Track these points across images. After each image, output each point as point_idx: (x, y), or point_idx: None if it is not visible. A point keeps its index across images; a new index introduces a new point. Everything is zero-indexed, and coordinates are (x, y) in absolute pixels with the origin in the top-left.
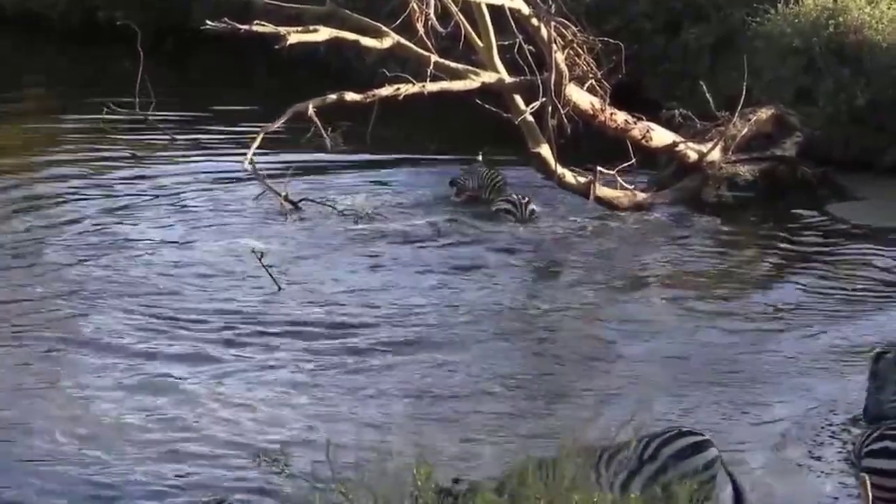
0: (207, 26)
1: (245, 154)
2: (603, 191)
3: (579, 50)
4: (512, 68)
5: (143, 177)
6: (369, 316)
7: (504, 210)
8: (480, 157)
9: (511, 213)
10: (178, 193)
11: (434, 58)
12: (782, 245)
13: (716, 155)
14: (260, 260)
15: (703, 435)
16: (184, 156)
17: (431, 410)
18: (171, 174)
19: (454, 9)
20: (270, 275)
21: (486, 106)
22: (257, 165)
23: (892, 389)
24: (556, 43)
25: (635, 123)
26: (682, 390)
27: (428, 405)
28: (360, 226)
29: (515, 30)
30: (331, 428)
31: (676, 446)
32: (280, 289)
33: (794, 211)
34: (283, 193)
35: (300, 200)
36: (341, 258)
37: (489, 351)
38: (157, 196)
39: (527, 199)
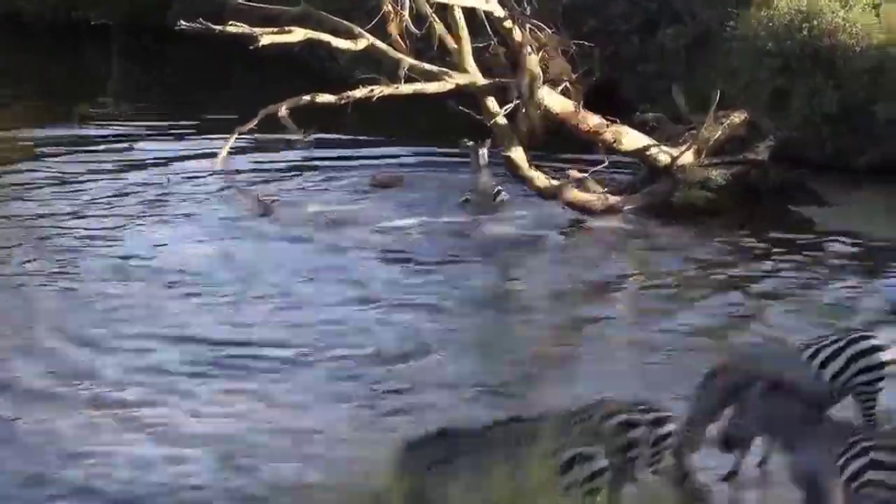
0: (181, 26)
1: (217, 154)
2: (575, 194)
3: (553, 52)
4: (486, 70)
5: (111, 176)
6: (335, 325)
7: (469, 201)
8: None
9: (476, 204)
10: (147, 193)
11: (408, 59)
12: (753, 248)
13: (688, 158)
14: (231, 262)
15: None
16: (155, 157)
17: (397, 418)
18: (141, 174)
19: (428, 10)
20: (242, 277)
21: (460, 108)
22: (229, 166)
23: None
24: (529, 45)
25: (608, 126)
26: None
27: (393, 412)
28: (329, 230)
29: (490, 32)
30: (299, 438)
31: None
32: (250, 288)
33: (766, 215)
34: (255, 194)
35: (272, 202)
36: (310, 262)
37: (455, 360)
38: (124, 196)
39: (497, 190)
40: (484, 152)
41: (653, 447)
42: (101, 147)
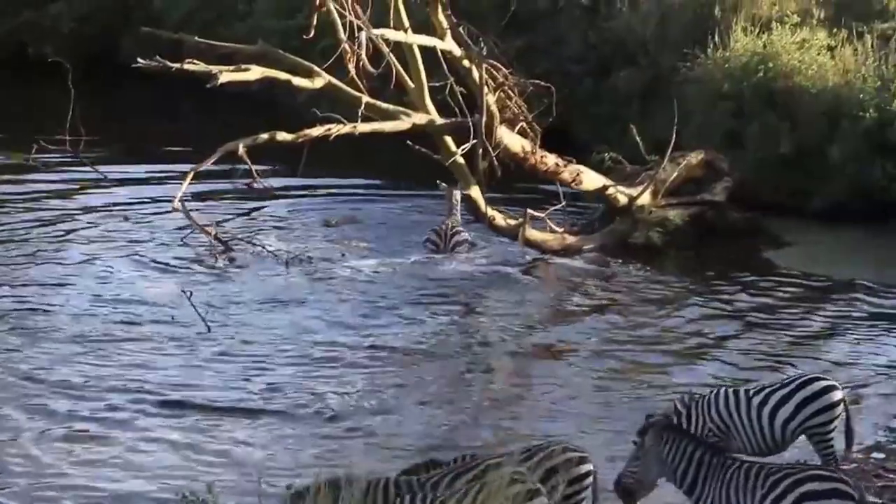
0: (138, 64)
1: (174, 193)
2: (532, 233)
3: (510, 92)
4: (443, 110)
5: (65, 215)
6: (292, 364)
7: (429, 241)
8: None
9: (434, 244)
10: (104, 233)
11: (365, 98)
12: (711, 288)
13: (645, 199)
14: (189, 301)
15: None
16: (111, 193)
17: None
18: (98, 213)
19: (386, 50)
20: (201, 316)
21: (417, 147)
22: (187, 205)
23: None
24: (487, 85)
25: (565, 166)
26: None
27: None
28: (290, 268)
29: (447, 71)
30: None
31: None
32: (209, 330)
33: (724, 255)
34: (213, 233)
35: (230, 241)
36: (268, 302)
37: (408, 406)
38: (78, 234)
39: (456, 230)
40: (457, 194)
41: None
42: (56, 186)
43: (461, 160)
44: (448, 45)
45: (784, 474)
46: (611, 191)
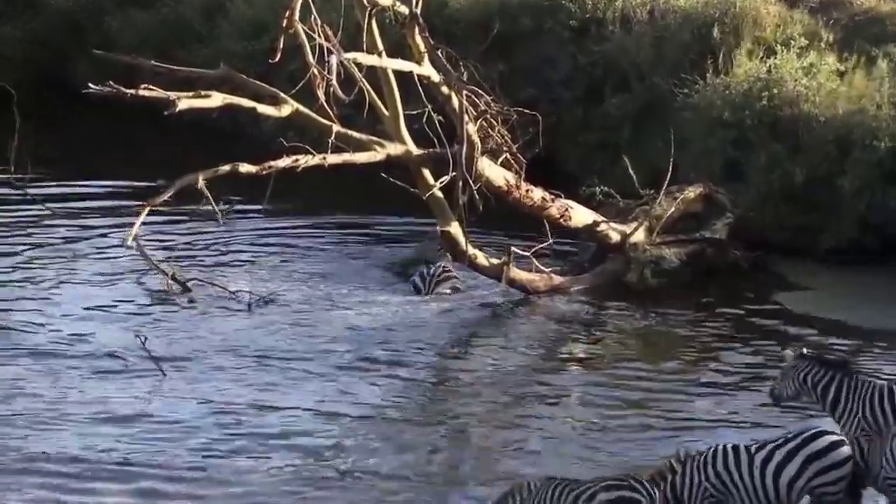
0: (91, 90)
1: (128, 230)
2: (517, 273)
3: (493, 121)
4: (420, 139)
5: (12, 250)
6: (253, 415)
7: (413, 282)
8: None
9: (417, 288)
10: (52, 270)
11: (336, 127)
12: (711, 334)
13: (640, 236)
14: (143, 346)
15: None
16: (59, 229)
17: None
18: (44, 249)
19: (358, 75)
20: (156, 362)
21: (392, 180)
22: (141, 241)
23: None
24: (467, 113)
25: (553, 201)
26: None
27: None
28: (252, 312)
29: (424, 98)
30: None
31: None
32: (164, 375)
33: (725, 298)
34: (171, 273)
35: (189, 281)
36: (229, 348)
37: (391, 451)
38: (27, 272)
39: (443, 273)
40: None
41: None
42: (1, 220)
43: (439, 194)
44: (425, 69)
45: None
46: (602, 227)
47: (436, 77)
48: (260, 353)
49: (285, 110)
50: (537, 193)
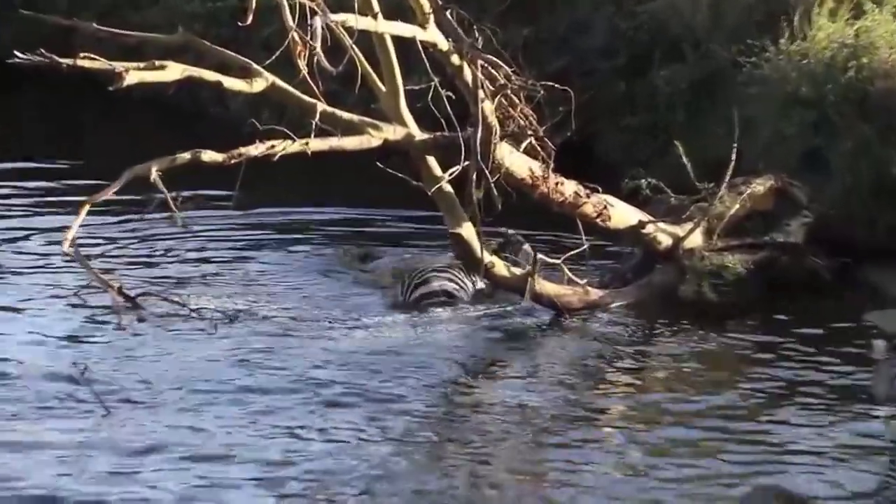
0: (17, 59)
1: (64, 233)
2: (544, 286)
3: (514, 98)
4: (425, 121)
5: None
6: (215, 462)
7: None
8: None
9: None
10: None
11: (321, 106)
12: (785, 358)
13: (696, 240)
14: (83, 376)
15: None
16: None
17: None
18: None
19: (348, 41)
20: (97, 396)
21: (389, 170)
22: (80, 247)
23: None
24: (483, 88)
25: (588, 196)
26: None
27: None
28: (216, 333)
29: (430, 70)
30: None
31: None
32: (107, 412)
33: (801, 316)
34: (117, 286)
35: (139, 295)
36: (190, 377)
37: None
38: None
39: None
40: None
41: None
42: None
43: (449, 188)
44: (431, 35)
45: None
46: (649, 229)
47: (444, 44)
48: (225, 383)
49: (258, 85)
50: (569, 187)
